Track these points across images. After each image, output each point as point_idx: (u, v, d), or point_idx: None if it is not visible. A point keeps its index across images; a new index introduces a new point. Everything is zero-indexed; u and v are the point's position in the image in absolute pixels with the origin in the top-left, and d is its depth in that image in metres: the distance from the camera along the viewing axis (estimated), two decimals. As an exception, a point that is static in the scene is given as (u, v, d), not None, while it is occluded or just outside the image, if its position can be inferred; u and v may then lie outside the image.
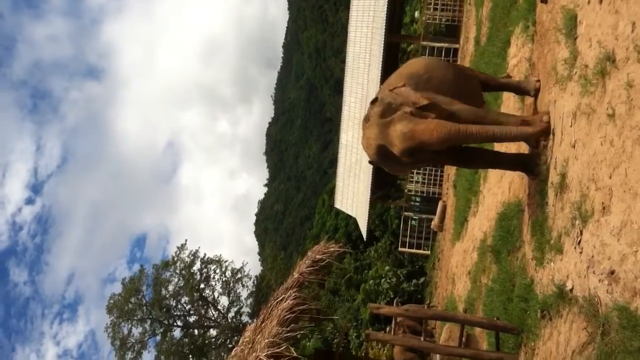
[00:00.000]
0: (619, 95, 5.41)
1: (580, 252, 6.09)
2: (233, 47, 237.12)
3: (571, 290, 6.28)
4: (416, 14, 41.73)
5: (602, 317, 5.29)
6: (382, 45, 25.64)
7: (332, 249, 7.21)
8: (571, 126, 6.90)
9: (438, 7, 30.27)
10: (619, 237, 5.09)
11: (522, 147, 9.42)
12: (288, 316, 5.62)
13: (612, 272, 5.18)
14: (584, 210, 6.07)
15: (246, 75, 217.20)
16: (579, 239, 6.16)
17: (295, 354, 5.09)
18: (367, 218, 28.47)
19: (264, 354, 4.97)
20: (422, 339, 10.94)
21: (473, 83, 8.27)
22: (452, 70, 8.02)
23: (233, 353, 6.00)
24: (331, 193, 38.65)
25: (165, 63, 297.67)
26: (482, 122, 7.45)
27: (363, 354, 22.86)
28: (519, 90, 9.18)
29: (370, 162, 7.40)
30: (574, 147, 6.68)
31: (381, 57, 25.59)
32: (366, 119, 7.11)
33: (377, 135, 6.86)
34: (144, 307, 43.74)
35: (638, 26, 5.13)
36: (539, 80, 8.68)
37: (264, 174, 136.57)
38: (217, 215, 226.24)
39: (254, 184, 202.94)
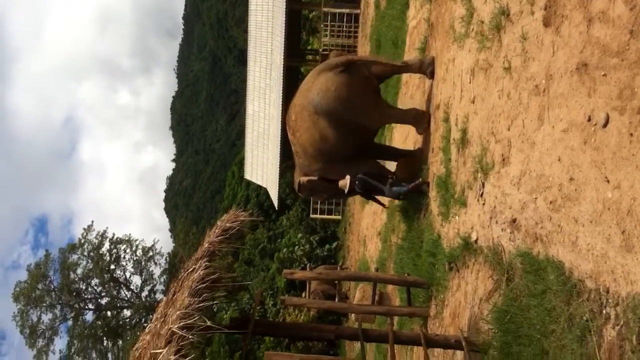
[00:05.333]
0: (514, 49, 5.54)
1: (483, 204, 6.27)
2: (129, 16, 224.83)
3: (476, 241, 6.48)
4: (316, -20, 41.62)
5: (506, 264, 5.48)
6: (284, 13, 25.35)
7: (242, 217, 7.09)
8: (470, 82, 7.06)
9: (338, -28, 30.22)
10: (518, 187, 5.25)
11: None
12: (199, 287, 5.48)
13: (514, 221, 5.35)
14: (484, 163, 6.24)
15: (146, 46, 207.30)
16: (481, 192, 6.34)
17: (208, 323, 4.99)
18: (277, 187, 28.38)
19: (176, 326, 4.83)
20: (336, 300, 11.10)
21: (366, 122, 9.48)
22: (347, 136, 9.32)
23: (147, 330, 5.79)
24: (241, 164, 38.25)
25: (57, 33, 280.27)
26: None
27: (280, 320, 23.02)
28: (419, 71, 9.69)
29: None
30: (474, 102, 6.84)
31: (284, 25, 25.31)
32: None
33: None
34: (53, 293, 42.31)
35: (529, -21, 5.25)
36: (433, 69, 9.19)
37: (170, 149, 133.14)
38: (123, 191, 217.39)
39: (160, 156, 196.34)
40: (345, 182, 9.55)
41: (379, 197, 10.54)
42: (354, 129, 9.19)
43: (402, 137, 12.26)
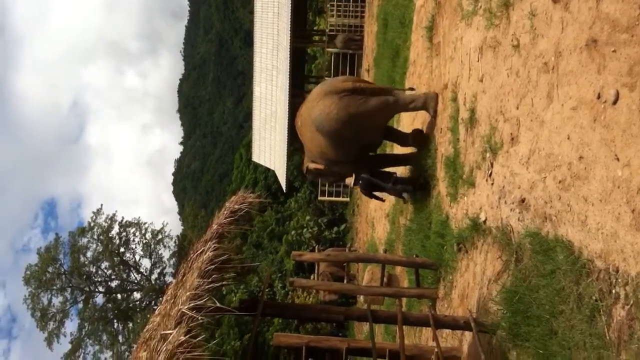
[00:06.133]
0: (522, 26, 5.47)
1: (492, 184, 6.23)
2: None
3: (484, 221, 6.44)
4: (323, -39, 41.26)
5: (515, 244, 5.44)
6: (290, -7, 25.22)
7: (250, 199, 7.07)
8: (478, 61, 6.98)
9: (344, -46, 29.96)
10: (527, 166, 5.21)
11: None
12: (209, 268, 5.48)
13: (523, 200, 5.31)
14: (493, 142, 6.18)
15: (152, 28, 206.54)
16: (490, 172, 6.29)
17: (218, 305, 5.00)
18: (285, 169, 28.40)
19: (185, 307, 4.83)
20: (344, 282, 11.12)
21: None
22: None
23: (157, 312, 5.80)
24: (248, 147, 38.30)
25: (63, 16, 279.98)
26: None
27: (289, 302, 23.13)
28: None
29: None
30: (482, 81, 6.77)
31: (290, 5, 25.16)
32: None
33: None
34: (63, 276, 42.66)
35: (538, -46, 5.16)
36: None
37: (178, 132, 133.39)
38: (131, 174, 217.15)
39: (168, 139, 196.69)
40: (350, 181, 10.35)
41: (382, 194, 11.07)
42: (356, 141, 9.57)
43: (410, 119, 12.19)
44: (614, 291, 3.68)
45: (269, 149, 29.43)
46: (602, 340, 3.71)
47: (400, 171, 11.24)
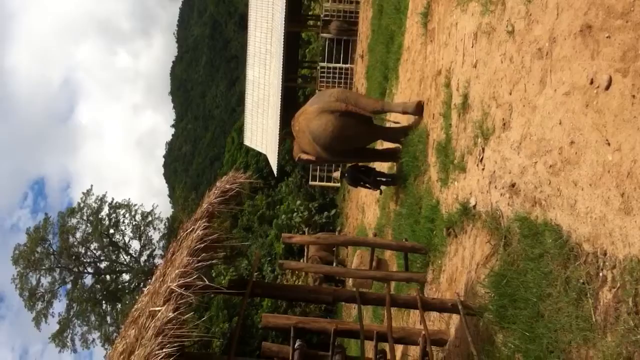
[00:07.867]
0: (518, 12, 5.47)
1: (483, 169, 6.26)
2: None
3: (474, 206, 6.48)
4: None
5: (504, 229, 5.48)
6: (286, -24, 25.04)
7: (241, 179, 7.06)
8: (472, 47, 6.99)
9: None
10: (519, 151, 5.23)
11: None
12: (198, 246, 5.48)
13: (513, 185, 5.35)
14: (485, 128, 6.21)
15: (145, 7, 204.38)
16: (481, 157, 6.32)
17: (207, 283, 5.00)
18: (277, 154, 28.34)
19: (174, 285, 4.84)
20: (334, 265, 11.16)
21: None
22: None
23: (146, 291, 5.81)
24: (240, 131, 38.10)
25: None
26: None
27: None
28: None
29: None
30: (475, 67, 6.78)
31: (285, -12, 25.04)
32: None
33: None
34: (52, 256, 42.52)
35: (535, -61, 5.16)
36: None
37: (170, 114, 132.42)
38: (122, 155, 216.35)
39: (159, 121, 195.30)
40: (337, 175, 12.53)
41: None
42: (347, 149, 11.03)
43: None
44: (601, 274, 3.72)
45: (261, 132, 29.34)
46: (588, 323, 3.76)
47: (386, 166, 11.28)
